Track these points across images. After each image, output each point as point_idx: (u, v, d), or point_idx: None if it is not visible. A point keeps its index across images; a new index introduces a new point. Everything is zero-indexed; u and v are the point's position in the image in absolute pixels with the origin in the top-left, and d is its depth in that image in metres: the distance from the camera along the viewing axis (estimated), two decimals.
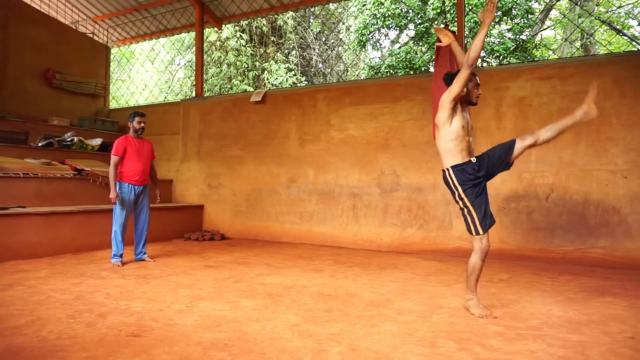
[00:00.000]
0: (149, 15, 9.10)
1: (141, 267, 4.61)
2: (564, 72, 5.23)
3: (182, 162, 8.03)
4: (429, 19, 11.35)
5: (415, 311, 3.09)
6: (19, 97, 7.74)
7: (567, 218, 5.11)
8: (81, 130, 7.95)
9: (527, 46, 10.67)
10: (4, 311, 2.90)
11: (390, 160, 6.15)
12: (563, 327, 2.76)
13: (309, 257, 5.38)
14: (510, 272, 4.54)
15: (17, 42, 7.80)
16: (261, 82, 13.68)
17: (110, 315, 2.86)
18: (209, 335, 2.51)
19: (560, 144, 5.19)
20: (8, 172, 5.53)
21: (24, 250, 4.87)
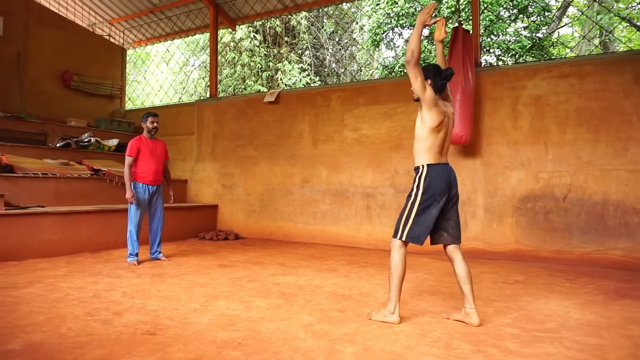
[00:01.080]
0: (164, 16, 9.20)
1: (156, 266, 4.66)
2: (582, 70, 5.14)
3: (196, 162, 8.11)
4: (444, 18, 11.27)
5: (429, 312, 3.07)
6: (38, 99, 7.90)
7: (585, 219, 5.02)
8: (98, 131, 8.07)
9: (543, 44, 10.50)
10: (24, 308, 2.96)
11: (404, 160, 6.12)
12: (581, 330, 2.71)
13: (322, 257, 5.38)
14: (526, 274, 4.48)
15: (37, 45, 7.96)
16: (275, 83, 13.73)
17: (127, 314, 2.90)
18: (223, 334, 2.53)
19: (578, 143, 5.11)
20: (28, 172, 5.65)
21: (44, 248, 4.97)
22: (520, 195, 5.38)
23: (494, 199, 5.52)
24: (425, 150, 2.90)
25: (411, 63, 2.73)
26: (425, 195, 2.85)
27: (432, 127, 2.84)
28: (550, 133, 5.27)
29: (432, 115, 2.82)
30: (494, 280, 4.14)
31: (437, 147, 2.89)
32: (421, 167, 2.91)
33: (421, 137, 2.90)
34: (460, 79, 5.22)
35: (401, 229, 2.87)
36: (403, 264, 2.85)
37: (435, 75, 2.89)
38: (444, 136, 2.90)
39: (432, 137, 2.86)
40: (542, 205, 5.25)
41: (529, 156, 5.36)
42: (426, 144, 2.89)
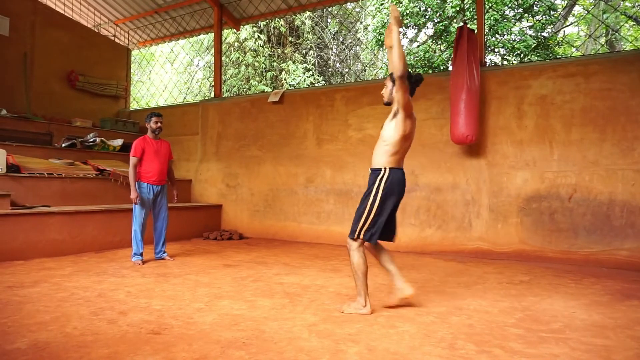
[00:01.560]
0: (169, 17, 9.23)
1: (161, 265, 4.68)
2: (588, 70, 5.11)
3: (201, 162, 8.13)
4: (448, 17, 11.23)
5: (434, 312, 3.06)
6: (44, 99, 7.95)
7: (590, 219, 4.99)
8: (103, 131, 8.11)
9: (549, 43, 10.44)
10: (30, 307, 2.98)
11: (408, 160, 6.00)
12: (587, 331, 2.69)
13: (326, 257, 5.38)
14: (531, 274, 4.45)
15: (43, 46, 8.00)
16: (279, 83, 13.74)
17: (131, 313, 2.91)
18: (228, 334, 2.53)
19: (584, 143, 5.08)
20: (34, 172, 5.68)
21: (49, 248, 5.00)
22: (525, 195, 5.35)
23: (498, 199, 5.50)
24: (391, 154, 3.01)
25: (403, 76, 2.75)
26: (385, 197, 2.98)
27: (405, 134, 2.95)
28: (555, 132, 5.24)
29: (408, 124, 2.95)
30: (499, 281, 4.13)
31: (402, 153, 3.05)
32: (383, 170, 3.02)
33: (391, 141, 2.98)
34: (465, 79, 5.20)
35: (359, 229, 3.00)
36: (364, 261, 3.03)
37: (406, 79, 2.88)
38: (410, 143, 3.07)
39: (401, 143, 2.99)
40: (548, 205, 5.23)
41: (534, 156, 5.34)
42: (394, 149, 3.00)
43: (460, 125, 5.21)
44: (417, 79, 2.98)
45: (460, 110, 5.22)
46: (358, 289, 3.04)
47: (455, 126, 5.26)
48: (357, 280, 3.03)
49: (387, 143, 2.99)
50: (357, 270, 3.02)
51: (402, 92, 2.83)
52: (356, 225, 3.01)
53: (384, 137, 3.03)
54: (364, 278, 3.02)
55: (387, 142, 3.00)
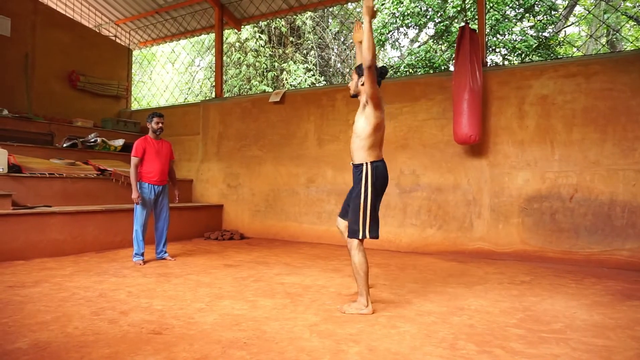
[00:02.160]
0: (170, 17, 9.23)
1: (162, 265, 4.68)
2: (589, 70, 5.10)
3: (202, 162, 8.13)
4: (449, 17, 11.22)
5: (435, 312, 3.06)
6: (45, 99, 7.96)
7: (591, 219, 4.99)
8: (104, 131, 8.12)
9: (550, 43, 10.43)
10: (31, 307, 2.98)
11: (409, 160, 6.10)
12: (588, 331, 2.69)
13: (327, 257, 5.38)
14: (532, 274, 4.45)
15: (44, 46, 8.02)
16: (280, 83, 13.74)
17: (132, 313, 2.91)
18: (229, 334, 2.53)
19: (585, 143, 5.07)
20: (35, 172, 5.69)
21: (50, 248, 5.01)
22: (527, 195, 5.35)
23: (500, 199, 5.49)
24: (368, 148, 3.01)
25: (373, 66, 2.79)
26: (375, 191, 2.99)
27: (376, 125, 2.96)
28: (556, 133, 5.24)
29: (378, 114, 2.96)
30: (500, 281, 4.12)
31: (378, 145, 3.05)
32: (365, 165, 3.01)
33: (365, 134, 2.99)
34: (467, 79, 5.20)
35: (362, 228, 2.98)
36: (366, 260, 3.03)
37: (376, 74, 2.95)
38: (383, 133, 3.07)
39: (374, 135, 2.99)
40: (549, 206, 5.22)
41: (535, 156, 5.33)
42: (369, 142, 3.00)
43: (464, 125, 5.21)
44: (382, 71, 3.03)
45: (463, 110, 5.21)
46: (360, 289, 3.05)
47: (459, 126, 5.25)
48: (359, 279, 3.04)
49: (362, 137, 3.01)
50: (359, 270, 3.02)
51: (370, 83, 2.85)
52: (357, 226, 3.01)
53: (357, 131, 3.04)
54: (366, 277, 3.03)
55: (360, 136, 3.02)
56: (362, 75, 2.99)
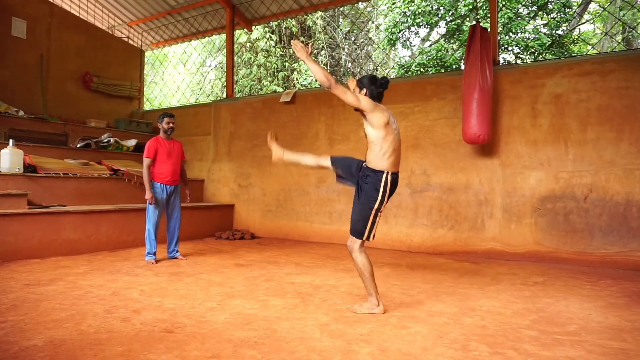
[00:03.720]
0: (181, 18, 9.30)
1: (174, 264, 4.72)
2: (604, 68, 5.02)
3: (213, 162, 8.18)
4: (461, 16, 11.13)
5: (446, 313, 3.03)
6: (60, 100, 8.08)
7: (607, 220, 4.91)
8: (117, 132, 8.22)
9: (564, 41, 10.29)
10: (46, 305, 3.03)
11: (420, 159, 6.07)
12: (603, 334, 2.65)
13: (338, 257, 5.37)
14: (545, 275, 4.39)
15: (59, 48, 8.14)
16: (291, 83, 13.76)
17: (145, 311, 2.94)
18: (240, 333, 2.54)
19: (600, 142, 5.00)
20: (50, 172, 5.78)
21: (65, 247, 5.08)
22: (540, 195, 5.28)
23: (512, 199, 5.44)
24: (384, 157, 2.96)
25: (332, 86, 2.87)
26: (384, 199, 3.00)
27: (382, 126, 2.91)
28: (570, 132, 5.17)
29: (377, 116, 2.91)
30: (513, 282, 4.08)
31: (394, 153, 2.98)
32: (386, 174, 2.97)
33: (378, 140, 2.95)
34: (478, 78, 5.15)
35: (367, 231, 3.01)
36: (369, 260, 3.03)
37: (370, 84, 3.03)
38: (397, 142, 3.01)
39: (386, 140, 2.94)
40: (562, 206, 5.15)
41: (549, 155, 5.26)
42: (382, 150, 2.95)
43: (473, 124, 5.16)
44: (382, 82, 3.05)
45: (473, 110, 5.16)
46: (368, 290, 3.07)
47: (468, 126, 5.21)
48: (365, 281, 3.05)
49: (376, 143, 2.97)
50: (363, 272, 3.02)
51: (343, 97, 2.88)
52: (363, 228, 3.01)
53: (370, 139, 3.01)
54: (372, 278, 3.03)
55: (375, 142, 2.97)
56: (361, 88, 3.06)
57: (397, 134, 3.03)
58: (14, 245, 4.63)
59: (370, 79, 3.05)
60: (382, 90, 3.06)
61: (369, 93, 3.01)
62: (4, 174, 5.22)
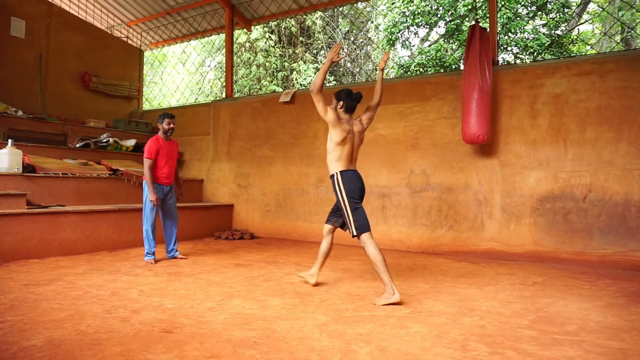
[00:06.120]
0: (181, 18, 9.30)
1: (173, 264, 4.72)
2: (603, 68, 5.03)
3: (212, 162, 8.18)
4: (460, 16, 11.14)
5: (445, 313, 3.04)
6: (59, 100, 8.07)
7: (606, 220, 4.91)
8: (116, 132, 8.21)
9: (563, 41, 10.30)
10: (45, 305, 3.03)
11: (420, 159, 6.07)
12: (602, 333, 2.65)
13: (337, 257, 5.37)
14: (544, 275, 4.40)
15: (58, 48, 8.13)
16: (290, 83, 13.76)
17: (144, 312, 2.94)
18: (239, 333, 2.54)
19: (599, 142, 5.00)
20: (49, 172, 5.77)
21: (64, 247, 5.07)
22: (539, 195, 5.29)
23: (511, 199, 5.44)
24: (336, 160, 3.50)
25: (314, 92, 3.44)
26: (349, 195, 3.43)
27: (337, 142, 3.46)
28: (569, 132, 5.17)
29: (337, 133, 3.45)
30: (512, 282, 4.08)
31: (346, 157, 3.50)
32: (335, 175, 3.50)
33: (330, 150, 3.52)
34: (477, 78, 5.16)
35: (354, 227, 3.40)
36: (379, 251, 3.31)
37: (346, 97, 3.57)
38: (350, 148, 3.52)
39: (339, 149, 3.47)
40: (562, 206, 5.16)
41: (548, 155, 5.27)
42: (336, 155, 3.50)
43: (472, 124, 5.17)
44: (357, 97, 3.60)
45: (472, 110, 5.17)
46: (383, 280, 3.26)
47: (467, 126, 5.21)
48: (378, 270, 3.27)
49: (329, 152, 3.54)
50: (375, 262, 3.27)
51: (316, 105, 3.47)
52: (350, 227, 3.43)
53: (327, 146, 3.56)
54: (383, 267, 3.25)
55: (328, 151, 3.54)
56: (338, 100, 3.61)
57: (354, 144, 3.56)
58: (13, 245, 4.63)
59: (347, 94, 3.58)
60: (356, 104, 3.61)
61: (344, 105, 3.56)
62: (3, 174, 5.22)
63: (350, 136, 3.52)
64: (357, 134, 3.60)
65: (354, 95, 3.58)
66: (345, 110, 3.58)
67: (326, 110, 3.46)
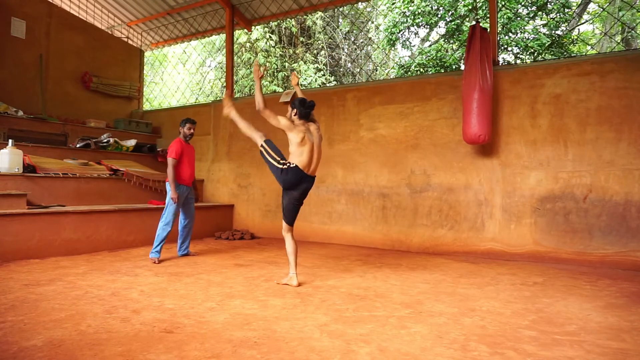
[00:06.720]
0: (181, 18, 9.30)
1: (173, 265, 4.72)
2: (604, 68, 5.03)
3: (212, 162, 8.18)
4: (460, 16, 11.14)
5: (446, 313, 3.04)
6: (59, 100, 8.07)
7: (606, 220, 4.91)
8: (116, 132, 8.21)
9: (563, 42, 10.30)
10: (46, 305, 3.03)
11: (420, 159, 6.07)
12: (602, 334, 2.65)
13: (337, 257, 5.37)
14: (545, 275, 4.40)
15: (58, 48, 8.13)
16: (290, 83, 13.76)
17: (144, 312, 2.94)
18: (239, 333, 2.54)
19: (599, 142, 5.00)
20: (49, 172, 5.78)
21: (64, 247, 5.08)
22: (539, 195, 5.29)
23: (512, 199, 5.44)
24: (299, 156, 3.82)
25: (260, 110, 3.93)
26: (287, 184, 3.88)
27: (298, 142, 3.80)
28: (570, 132, 5.17)
29: (294, 134, 3.81)
30: (512, 282, 4.08)
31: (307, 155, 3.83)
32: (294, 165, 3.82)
33: (292, 149, 3.86)
34: (477, 78, 5.16)
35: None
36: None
37: (300, 106, 3.94)
38: (310, 146, 3.86)
39: (299, 151, 3.82)
40: (562, 206, 5.16)
41: (548, 156, 5.27)
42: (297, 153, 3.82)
43: (473, 125, 5.17)
44: (310, 104, 3.94)
45: (473, 110, 5.17)
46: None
47: (468, 126, 5.21)
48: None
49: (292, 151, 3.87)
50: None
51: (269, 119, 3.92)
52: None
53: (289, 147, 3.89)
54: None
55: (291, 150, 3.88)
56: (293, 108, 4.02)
57: (314, 144, 3.89)
58: (13, 245, 4.63)
59: (301, 102, 3.94)
60: (309, 111, 3.94)
61: (297, 112, 3.93)
62: (4, 174, 5.22)
63: (308, 136, 3.85)
64: (315, 134, 3.94)
65: (306, 103, 3.94)
66: (300, 117, 3.93)
67: (278, 120, 3.85)
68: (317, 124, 4.07)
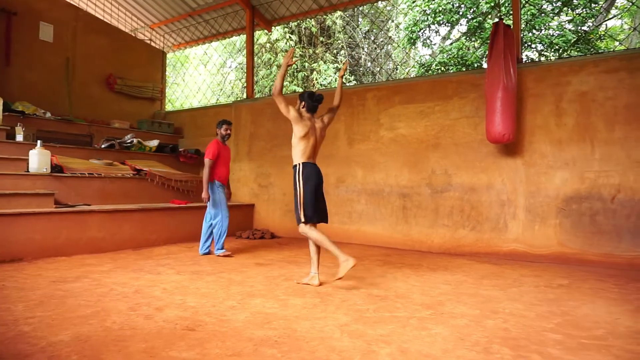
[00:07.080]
0: (202, 20, 9.42)
1: (195, 263, 4.78)
2: (633, 64, 4.87)
3: (233, 162, 8.25)
4: (482, 13, 10.96)
5: (468, 315, 2.99)
6: (85, 102, 8.28)
7: (635, 221, 4.76)
8: (140, 132, 8.37)
9: (590, 38, 10.03)
10: (72, 302, 3.11)
11: (441, 159, 6.00)
12: (632, 339, 2.57)
13: (358, 257, 5.31)
14: (570, 277, 4.29)
15: (84, 51, 8.34)
16: (310, 83, 13.79)
17: (167, 309, 2.98)
18: (260, 332, 2.56)
19: (628, 141, 4.85)
20: (75, 172, 5.93)
21: (90, 245, 5.20)
22: (565, 195, 5.16)
23: (536, 200, 5.32)
24: (299, 153, 3.89)
25: (275, 95, 3.90)
26: (304, 184, 3.82)
27: (301, 136, 3.85)
28: (597, 131, 5.03)
29: (299, 128, 3.86)
30: (536, 284, 3.99)
31: (309, 151, 3.91)
32: (297, 165, 3.89)
33: (294, 144, 3.92)
34: (501, 76, 5.06)
35: (302, 215, 3.80)
36: (320, 233, 3.80)
37: (308, 98, 3.95)
38: (313, 142, 3.93)
39: (303, 143, 3.88)
40: (588, 207, 5.02)
41: (574, 155, 5.14)
42: (299, 149, 3.89)
43: (497, 123, 5.07)
44: (318, 98, 3.94)
45: (497, 109, 5.08)
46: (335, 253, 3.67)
47: (492, 125, 5.12)
48: (328, 248, 3.68)
49: (294, 146, 3.93)
50: (322, 242, 3.74)
51: (278, 105, 3.91)
52: (298, 214, 3.82)
53: (292, 140, 3.94)
54: (330, 243, 3.69)
55: (293, 145, 3.93)
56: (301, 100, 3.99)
57: (316, 138, 3.95)
58: (41, 243, 4.77)
59: (309, 95, 3.96)
60: (317, 104, 3.96)
61: (305, 105, 3.93)
62: (33, 174, 5.38)
63: (312, 131, 3.89)
64: (318, 130, 3.97)
65: (315, 96, 3.94)
66: (307, 110, 3.95)
67: (288, 109, 3.86)
68: (324, 120, 4.09)
